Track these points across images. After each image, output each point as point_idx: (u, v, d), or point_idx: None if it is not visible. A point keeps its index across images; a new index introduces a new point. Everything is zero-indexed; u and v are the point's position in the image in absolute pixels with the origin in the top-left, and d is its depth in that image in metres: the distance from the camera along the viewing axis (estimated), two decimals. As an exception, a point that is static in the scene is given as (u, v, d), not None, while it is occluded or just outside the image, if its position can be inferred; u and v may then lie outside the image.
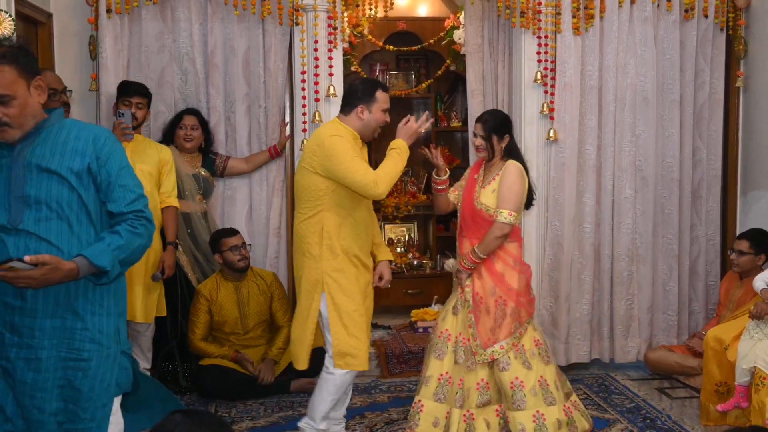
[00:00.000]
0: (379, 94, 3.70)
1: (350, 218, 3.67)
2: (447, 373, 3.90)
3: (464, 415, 3.84)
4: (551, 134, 4.97)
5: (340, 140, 3.57)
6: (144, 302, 4.46)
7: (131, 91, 4.47)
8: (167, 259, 4.56)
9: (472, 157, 5.40)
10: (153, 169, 4.51)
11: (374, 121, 3.70)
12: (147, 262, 4.46)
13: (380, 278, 3.92)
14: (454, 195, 4.09)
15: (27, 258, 2.35)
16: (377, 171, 3.56)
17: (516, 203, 3.82)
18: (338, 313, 3.63)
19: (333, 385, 3.70)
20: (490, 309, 3.84)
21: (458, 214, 4.08)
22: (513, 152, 3.96)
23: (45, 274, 2.38)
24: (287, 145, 5.08)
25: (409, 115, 3.82)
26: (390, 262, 3.99)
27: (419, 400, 3.91)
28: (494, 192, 3.85)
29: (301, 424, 3.84)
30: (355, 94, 3.71)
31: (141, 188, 2.62)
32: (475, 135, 3.98)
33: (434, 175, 4.08)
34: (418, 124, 3.77)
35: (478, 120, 3.99)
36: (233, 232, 4.74)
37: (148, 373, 4.69)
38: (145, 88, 4.56)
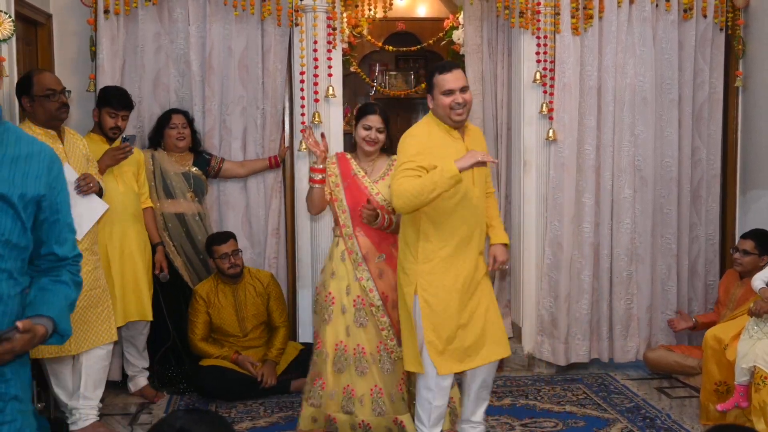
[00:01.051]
0: (437, 79, 3.55)
1: (445, 214, 3.54)
2: (349, 386, 3.92)
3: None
4: (550, 134, 4.97)
5: (410, 139, 3.54)
6: (148, 300, 4.48)
7: (118, 105, 4.39)
8: (161, 260, 4.65)
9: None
10: (135, 169, 4.51)
11: (440, 108, 3.54)
12: (144, 258, 4.49)
13: (494, 260, 3.78)
14: (327, 192, 3.96)
15: (20, 325, 1.89)
16: (403, 184, 3.40)
17: None
18: (430, 314, 3.53)
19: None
20: (396, 304, 3.81)
21: (344, 213, 3.94)
22: (392, 145, 3.94)
23: (25, 344, 1.92)
24: (285, 143, 5.08)
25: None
26: (505, 245, 3.83)
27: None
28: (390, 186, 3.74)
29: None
30: (426, 85, 3.68)
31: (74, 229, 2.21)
32: (369, 128, 3.89)
33: (312, 164, 3.98)
34: (480, 156, 3.40)
35: (373, 113, 3.90)
36: (225, 238, 4.68)
37: (147, 372, 4.71)
38: (130, 100, 4.49)
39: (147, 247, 4.55)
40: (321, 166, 3.90)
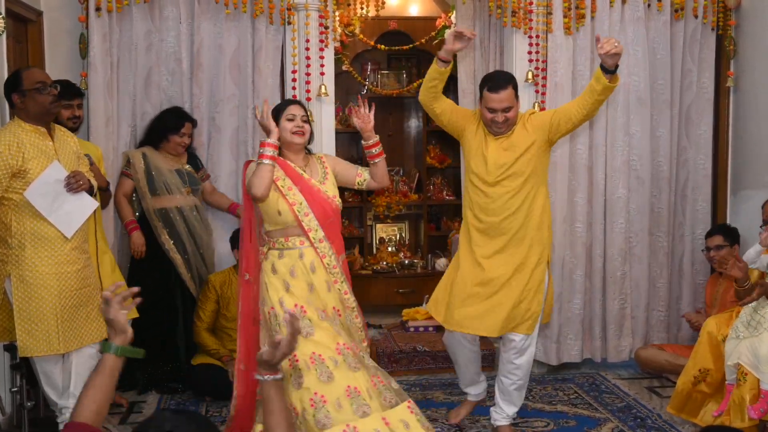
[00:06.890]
0: (484, 93, 3.84)
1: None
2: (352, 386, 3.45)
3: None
4: (542, 134, 4.97)
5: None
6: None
7: (71, 95, 4.36)
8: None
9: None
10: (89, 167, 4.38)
11: (482, 117, 3.91)
12: (113, 270, 4.44)
13: None
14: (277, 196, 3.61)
15: None
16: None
17: None
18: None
19: None
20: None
21: (307, 216, 3.60)
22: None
23: None
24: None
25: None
26: None
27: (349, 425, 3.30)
28: (334, 184, 3.75)
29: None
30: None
31: None
32: (293, 118, 3.66)
33: (263, 140, 3.61)
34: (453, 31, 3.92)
35: (292, 103, 3.79)
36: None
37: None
38: (78, 87, 4.50)
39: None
40: (273, 141, 3.55)
